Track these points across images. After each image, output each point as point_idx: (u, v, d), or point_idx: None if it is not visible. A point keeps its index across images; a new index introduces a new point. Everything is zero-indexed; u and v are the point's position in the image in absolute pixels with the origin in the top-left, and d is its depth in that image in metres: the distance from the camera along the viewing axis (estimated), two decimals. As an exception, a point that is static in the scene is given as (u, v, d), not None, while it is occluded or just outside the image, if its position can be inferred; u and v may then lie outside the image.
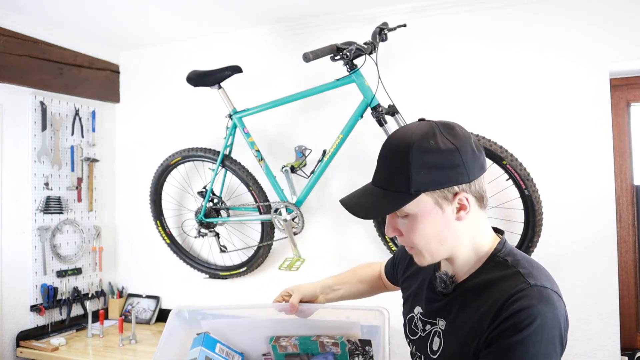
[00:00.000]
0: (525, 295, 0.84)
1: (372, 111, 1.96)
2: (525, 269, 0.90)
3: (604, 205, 1.93)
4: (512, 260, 0.92)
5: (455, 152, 0.87)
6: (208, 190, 2.38)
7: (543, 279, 0.89)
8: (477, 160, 0.90)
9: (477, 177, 0.89)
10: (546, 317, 0.82)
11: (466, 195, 0.89)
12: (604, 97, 1.95)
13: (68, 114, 2.62)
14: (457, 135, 0.89)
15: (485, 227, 0.96)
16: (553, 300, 0.85)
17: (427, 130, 0.89)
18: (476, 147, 0.90)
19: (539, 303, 0.83)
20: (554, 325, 0.83)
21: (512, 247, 0.98)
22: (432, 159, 0.86)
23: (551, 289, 0.87)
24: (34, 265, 2.42)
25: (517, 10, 2.06)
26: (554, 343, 0.82)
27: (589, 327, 1.94)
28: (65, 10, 2.27)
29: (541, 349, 0.81)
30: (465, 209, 0.90)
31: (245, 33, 2.55)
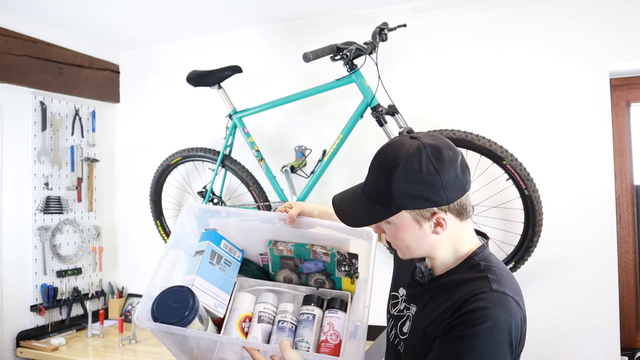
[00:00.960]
0: (484, 297, 0.91)
1: (372, 111, 1.96)
2: (493, 275, 0.96)
3: (604, 205, 1.93)
4: (484, 265, 0.99)
5: (437, 177, 0.94)
6: (208, 190, 2.38)
7: (507, 287, 0.94)
8: (459, 183, 0.97)
9: (457, 199, 0.97)
10: (499, 320, 0.88)
11: (443, 215, 0.97)
12: (604, 97, 1.95)
13: (68, 114, 2.62)
14: (443, 159, 0.95)
15: (465, 234, 1.04)
16: (510, 307, 0.91)
17: (414, 153, 0.95)
18: (461, 170, 0.97)
19: (494, 307, 0.89)
20: (505, 330, 0.89)
21: (491, 254, 1.05)
22: (413, 183, 0.94)
23: (512, 296, 0.92)
24: (34, 265, 2.42)
25: (517, 10, 2.06)
26: (502, 346, 0.89)
27: (589, 327, 1.94)
28: (65, 10, 2.28)
29: (487, 348, 0.88)
30: (442, 226, 0.98)
31: (245, 33, 2.55)
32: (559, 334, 1.98)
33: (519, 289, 0.98)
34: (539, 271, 2.00)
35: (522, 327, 0.94)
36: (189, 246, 1.37)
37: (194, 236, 1.39)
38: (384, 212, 0.98)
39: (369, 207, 1.00)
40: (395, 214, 0.97)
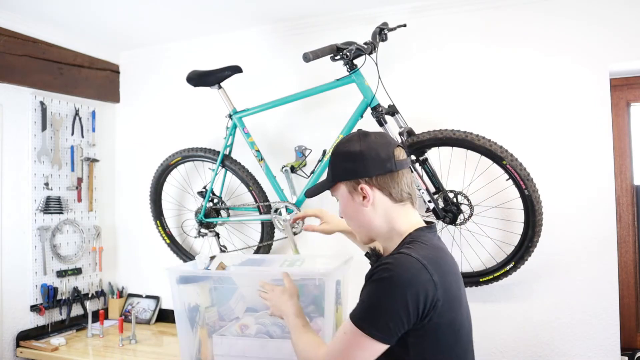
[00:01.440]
0: (391, 257, 1.10)
1: (372, 111, 1.96)
2: (410, 245, 1.12)
3: (604, 205, 1.93)
4: (411, 240, 1.15)
5: (359, 153, 1.18)
6: (208, 190, 2.38)
7: (416, 252, 1.08)
8: (380, 162, 1.17)
9: (378, 174, 1.17)
10: (395, 277, 1.04)
11: (366, 186, 1.17)
12: (604, 97, 1.95)
13: (68, 114, 2.62)
14: (368, 141, 1.19)
15: (402, 217, 1.20)
16: (412, 267, 1.05)
17: (349, 137, 1.23)
18: (385, 153, 1.17)
19: (395, 265, 1.06)
20: (401, 286, 1.03)
21: (427, 234, 1.19)
22: (342, 157, 1.22)
23: (417, 258, 1.06)
24: (34, 265, 2.42)
25: (517, 10, 2.07)
26: (395, 299, 1.03)
27: (589, 327, 1.94)
28: (65, 11, 2.28)
29: (381, 297, 1.05)
30: (367, 198, 1.18)
31: (245, 33, 2.55)
32: (558, 333, 1.98)
33: (435, 258, 1.10)
34: (539, 271, 2.00)
35: (430, 289, 1.04)
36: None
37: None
38: (327, 184, 1.27)
39: (322, 183, 1.30)
40: (333, 184, 1.24)
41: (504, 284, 2.00)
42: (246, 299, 1.79)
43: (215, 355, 1.69)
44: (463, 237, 2.07)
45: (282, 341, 1.62)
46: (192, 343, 1.75)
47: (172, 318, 1.83)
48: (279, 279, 1.57)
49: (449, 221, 1.90)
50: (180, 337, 1.78)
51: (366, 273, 1.21)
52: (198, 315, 1.74)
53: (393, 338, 1.05)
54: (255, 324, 1.71)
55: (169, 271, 1.76)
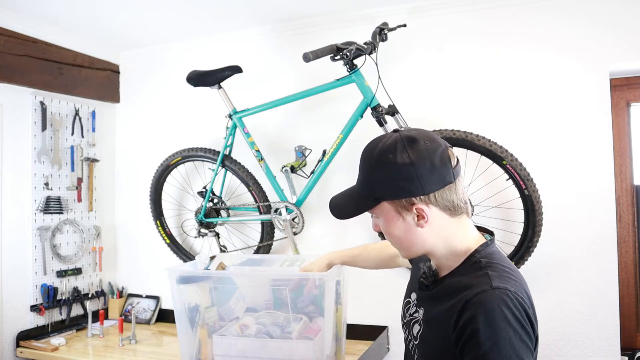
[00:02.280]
0: (484, 297, 0.89)
1: (372, 111, 1.96)
2: (494, 272, 0.94)
3: (604, 205, 1.93)
4: (486, 262, 0.98)
5: (410, 166, 0.95)
6: (208, 190, 2.38)
7: (508, 282, 0.92)
8: (437, 174, 0.96)
9: (436, 190, 0.97)
10: (505, 319, 0.86)
11: (424, 207, 0.98)
12: (604, 97, 1.95)
13: (68, 114, 2.62)
14: (418, 149, 0.96)
15: (460, 231, 1.02)
16: (510, 300, 0.88)
17: (390, 144, 0.98)
18: (440, 161, 0.96)
19: (498, 307, 0.87)
20: (515, 324, 0.87)
21: (496, 250, 1.03)
22: (388, 172, 0.98)
23: (514, 292, 0.90)
24: (34, 265, 2.42)
25: (517, 10, 2.07)
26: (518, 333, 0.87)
27: (589, 327, 1.94)
28: (65, 10, 2.27)
29: (507, 346, 0.85)
30: (423, 218, 0.98)
31: (245, 33, 2.55)
32: (558, 333, 1.98)
33: (521, 283, 0.96)
34: (539, 271, 2.00)
35: (529, 315, 0.91)
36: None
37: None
38: (366, 203, 1.03)
39: (356, 199, 1.05)
40: (376, 204, 1.02)
41: (504, 284, 2.00)
42: (246, 299, 1.79)
43: (215, 355, 1.69)
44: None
45: (281, 341, 1.63)
46: (192, 343, 1.75)
47: (172, 318, 1.83)
48: (278, 278, 1.57)
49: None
50: (180, 337, 1.78)
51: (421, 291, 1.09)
52: (198, 315, 1.75)
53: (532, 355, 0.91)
54: (255, 324, 1.71)
55: (169, 271, 1.76)
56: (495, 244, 1.06)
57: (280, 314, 1.71)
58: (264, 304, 1.78)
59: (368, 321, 2.24)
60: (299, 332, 1.63)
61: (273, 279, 1.70)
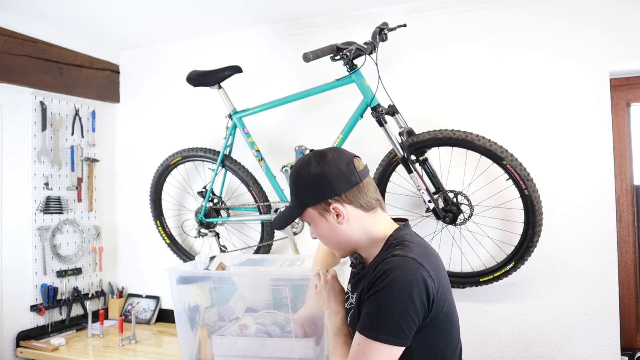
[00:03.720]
0: (387, 261, 1.11)
1: (372, 111, 1.96)
2: (400, 246, 1.14)
3: (604, 205, 1.93)
4: (396, 241, 1.17)
5: (322, 175, 1.19)
6: (208, 190, 2.38)
7: (410, 251, 1.11)
8: (343, 177, 1.19)
9: (346, 190, 1.19)
10: (397, 279, 1.06)
11: (339, 206, 1.19)
12: (604, 97, 1.95)
13: (68, 114, 2.62)
14: (327, 160, 1.20)
15: (377, 223, 1.23)
16: (410, 267, 1.08)
17: (306, 161, 1.23)
18: (346, 167, 1.19)
19: (394, 268, 1.08)
20: (406, 287, 1.06)
21: (408, 232, 1.23)
22: (306, 183, 1.22)
23: (412, 258, 1.09)
24: (34, 265, 2.42)
25: (517, 10, 2.07)
26: (404, 301, 1.05)
27: (589, 327, 1.94)
28: (65, 11, 2.27)
29: (390, 303, 1.06)
30: (341, 215, 1.19)
31: (245, 33, 2.55)
32: (559, 334, 1.98)
33: (427, 254, 1.14)
34: (539, 271, 2.00)
35: (429, 285, 1.08)
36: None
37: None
38: (295, 211, 1.26)
39: (288, 211, 1.29)
40: (302, 211, 1.24)
41: (504, 284, 2.00)
42: (246, 299, 1.79)
43: (215, 355, 1.69)
44: (463, 237, 2.07)
45: (281, 340, 1.62)
46: (192, 343, 1.75)
47: (172, 318, 1.83)
48: (278, 278, 1.57)
49: (449, 221, 1.90)
50: (180, 337, 1.78)
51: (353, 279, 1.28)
52: (198, 315, 1.75)
53: (408, 339, 1.08)
54: (254, 323, 1.71)
55: (169, 271, 1.76)
56: (408, 228, 1.26)
57: (280, 313, 1.71)
58: (264, 304, 1.78)
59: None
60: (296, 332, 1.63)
61: (273, 278, 1.70)
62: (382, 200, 1.27)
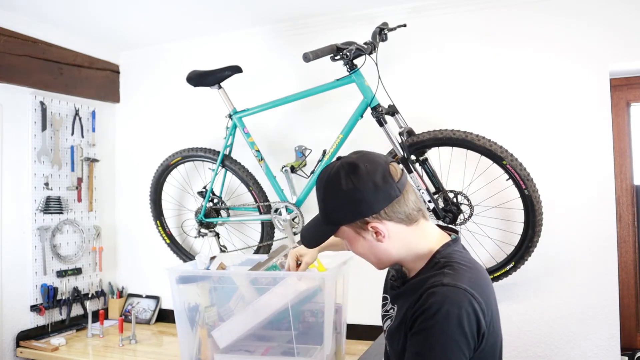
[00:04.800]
0: (435, 292, 0.97)
1: (372, 111, 1.96)
2: (450, 269, 1.01)
3: (604, 205, 1.93)
4: (445, 261, 1.05)
5: (355, 191, 1.03)
6: (208, 190, 2.38)
7: (461, 280, 0.98)
8: (381, 193, 1.03)
9: (384, 207, 1.04)
10: (447, 314, 0.94)
11: (378, 224, 1.05)
12: (604, 97, 1.95)
13: (68, 114, 2.62)
14: (359, 173, 1.04)
15: (421, 236, 1.09)
16: (460, 299, 0.95)
17: (334, 173, 1.07)
18: (382, 180, 1.03)
19: (443, 301, 0.95)
20: (455, 322, 0.94)
21: (457, 250, 1.10)
22: (337, 200, 1.06)
23: (464, 289, 0.96)
24: (34, 265, 2.42)
25: (517, 10, 2.07)
26: (454, 339, 0.94)
27: (589, 327, 1.94)
28: (65, 11, 2.27)
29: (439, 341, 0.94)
30: (381, 234, 1.06)
31: (245, 33, 2.55)
32: (559, 334, 1.98)
33: (476, 282, 1.01)
34: (539, 271, 2.00)
35: (479, 317, 0.96)
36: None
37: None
38: (328, 229, 1.12)
39: (319, 228, 1.14)
40: (335, 230, 1.10)
41: (504, 284, 2.00)
42: (246, 299, 1.79)
43: (222, 350, 1.68)
44: (463, 237, 2.06)
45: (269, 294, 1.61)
46: (192, 343, 1.75)
47: (172, 318, 1.83)
48: (277, 278, 1.56)
49: (449, 221, 1.90)
50: (180, 337, 1.78)
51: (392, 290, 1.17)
52: (198, 315, 1.75)
53: None
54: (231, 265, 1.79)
55: (169, 271, 1.76)
56: (458, 243, 1.13)
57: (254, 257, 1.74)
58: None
59: (368, 321, 2.23)
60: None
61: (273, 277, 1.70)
62: (425, 208, 1.12)
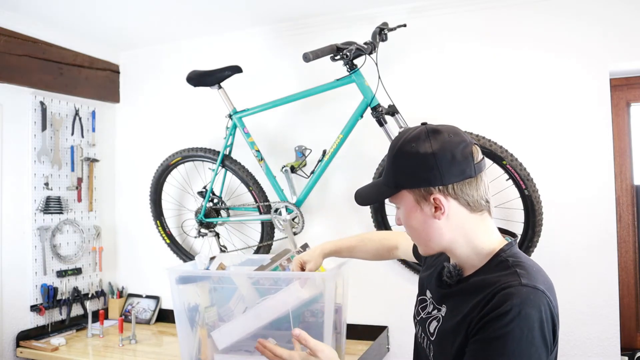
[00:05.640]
0: (513, 293, 0.88)
1: (372, 111, 1.96)
2: (522, 270, 0.93)
3: (604, 205, 1.93)
4: (513, 261, 0.96)
5: (431, 156, 0.96)
6: (208, 190, 2.38)
7: (537, 280, 0.92)
8: (457, 166, 0.96)
9: (455, 182, 0.97)
10: (529, 318, 0.86)
11: (442, 197, 0.97)
12: (604, 97, 1.95)
13: (68, 114, 2.62)
14: (441, 140, 0.97)
15: (482, 229, 1.01)
16: (541, 302, 0.88)
17: (415, 134, 1.00)
18: (461, 154, 0.96)
19: (523, 303, 0.87)
20: (536, 327, 0.86)
21: (520, 251, 1.02)
22: (409, 161, 0.99)
23: (542, 291, 0.90)
24: (34, 265, 2.42)
25: (517, 10, 2.07)
26: (535, 345, 0.86)
27: (589, 327, 1.94)
28: (65, 10, 2.27)
29: (520, 347, 0.86)
30: (440, 209, 0.98)
31: (245, 33, 2.55)
32: (559, 333, 1.98)
33: (550, 284, 0.95)
34: (539, 271, 2.00)
35: (555, 322, 0.91)
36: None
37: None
38: (387, 190, 1.04)
39: (378, 187, 1.08)
40: (396, 192, 1.02)
41: (504, 284, 2.00)
42: (245, 300, 1.79)
43: (215, 355, 1.69)
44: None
45: (271, 299, 1.62)
46: (192, 343, 1.75)
47: (172, 318, 1.83)
48: (278, 279, 1.57)
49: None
50: (180, 337, 1.78)
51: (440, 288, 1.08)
52: (198, 315, 1.75)
53: None
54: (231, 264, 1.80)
55: (168, 271, 1.76)
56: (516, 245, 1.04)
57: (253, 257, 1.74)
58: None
59: (368, 321, 2.24)
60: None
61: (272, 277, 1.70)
62: (492, 204, 1.04)
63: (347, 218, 2.32)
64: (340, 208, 2.35)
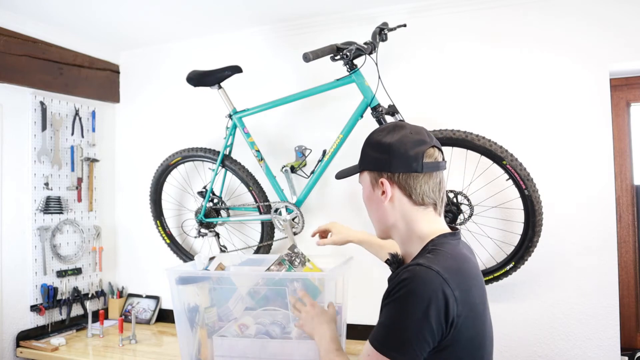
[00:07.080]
0: (408, 270, 1.01)
1: (372, 111, 1.96)
2: (432, 254, 1.05)
3: (604, 205, 1.93)
4: (432, 248, 1.08)
5: (387, 146, 1.12)
6: (208, 190, 2.38)
7: (436, 263, 1.00)
8: (405, 160, 1.10)
9: (400, 171, 1.11)
10: (414, 292, 0.98)
11: (387, 182, 1.12)
12: (604, 97, 1.95)
13: (68, 114, 2.62)
14: (401, 134, 1.13)
15: (423, 220, 1.13)
16: (431, 281, 0.97)
17: (385, 126, 1.18)
18: (414, 151, 1.10)
19: (412, 279, 0.99)
20: (419, 302, 0.96)
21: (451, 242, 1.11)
22: (372, 147, 1.17)
23: (437, 271, 0.98)
24: (34, 265, 2.42)
25: (517, 10, 2.07)
26: (417, 318, 0.96)
27: (589, 327, 1.94)
28: (65, 10, 2.28)
29: (402, 317, 0.98)
30: (384, 194, 1.13)
31: (245, 33, 2.55)
32: (559, 334, 1.98)
33: (459, 271, 1.03)
34: (539, 271, 2.00)
35: (449, 304, 0.97)
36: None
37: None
38: (355, 169, 1.24)
39: (352, 167, 1.27)
40: (359, 171, 1.21)
41: (504, 284, 2.00)
42: (245, 300, 1.79)
43: (216, 356, 1.69)
44: (463, 237, 2.07)
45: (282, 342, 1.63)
46: (192, 343, 1.75)
47: (172, 318, 1.83)
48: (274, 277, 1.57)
49: (448, 221, 1.90)
50: (180, 337, 1.78)
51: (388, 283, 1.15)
52: (197, 315, 1.75)
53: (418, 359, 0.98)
54: (254, 323, 1.71)
55: (168, 271, 1.76)
56: (456, 237, 1.14)
57: (280, 310, 1.71)
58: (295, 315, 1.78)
59: (368, 321, 2.23)
60: (298, 332, 1.63)
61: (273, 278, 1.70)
62: (442, 205, 1.16)
63: (347, 218, 2.32)
64: (340, 208, 2.35)
